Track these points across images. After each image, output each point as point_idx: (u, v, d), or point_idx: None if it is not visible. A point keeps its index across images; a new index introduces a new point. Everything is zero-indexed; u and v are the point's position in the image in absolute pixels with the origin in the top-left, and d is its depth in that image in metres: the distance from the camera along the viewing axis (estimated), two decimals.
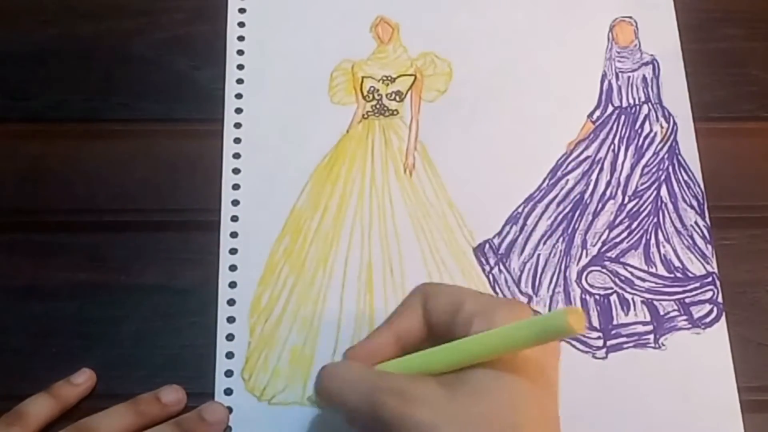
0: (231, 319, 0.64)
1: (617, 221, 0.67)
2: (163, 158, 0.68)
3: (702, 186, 0.68)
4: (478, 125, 0.69)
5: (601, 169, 0.69)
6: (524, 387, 0.51)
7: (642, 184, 0.68)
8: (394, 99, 0.71)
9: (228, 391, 0.62)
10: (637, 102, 0.71)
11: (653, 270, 0.66)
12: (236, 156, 0.68)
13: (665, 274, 0.66)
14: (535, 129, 0.69)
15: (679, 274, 0.66)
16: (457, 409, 0.51)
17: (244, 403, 0.62)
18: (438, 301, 0.55)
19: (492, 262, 0.66)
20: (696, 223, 0.67)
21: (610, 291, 0.65)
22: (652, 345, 0.64)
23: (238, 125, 0.69)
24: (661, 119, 0.70)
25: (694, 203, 0.68)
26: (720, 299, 0.65)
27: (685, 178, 0.68)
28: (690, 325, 0.64)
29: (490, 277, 0.65)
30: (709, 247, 0.67)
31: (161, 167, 0.68)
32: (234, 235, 0.66)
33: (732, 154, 0.70)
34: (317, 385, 0.56)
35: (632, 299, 0.65)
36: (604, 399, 0.61)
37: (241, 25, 0.72)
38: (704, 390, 0.62)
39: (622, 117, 0.70)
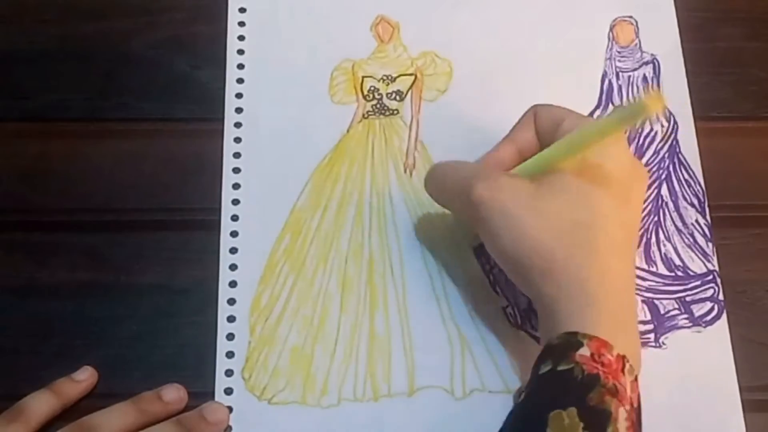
0: (231, 319, 0.64)
1: None
2: (163, 158, 0.68)
3: (702, 184, 0.68)
4: (479, 125, 0.69)
5: None
6: (602, 194, 0.57)
7: None
8: (395, 98, 0.71)
9: (228, 391, 0.62)
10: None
11: (654, 269, 0.66)
12: (236, 155, 0.68)
13: (666, 272, 0.66)
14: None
15: (679, 273, 0.66)
16: (538, 202, 0.57)
17: (244, 403, 0.62)
18: (544, 117, 0.62)
19: (492, 261, 0.66)
20: (697, 221, 0.67)
21: None
22: (653, 344, 0.64)
23: (238, 125, 0.69)
24: (662, 118, 0.70)
25: (695, 201, 0.68)
26: (721, 297, 0.65)
27: (686, 176, 0.68)
28: (691, 324, 0.64)
29: (491, 276, 0.65)
30: (710, 245, 0.67)
31: (162, 167, 0.68)
32: (234, 234, 0.66)
33: (732, 153, 0.70)
34: (428, 177, 0.63)
35: None
36: None
37: (242, 24, 0.72)
38: (705, 389, 0.62)
39: None
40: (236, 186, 0.67)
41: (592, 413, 0.51)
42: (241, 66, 0.71)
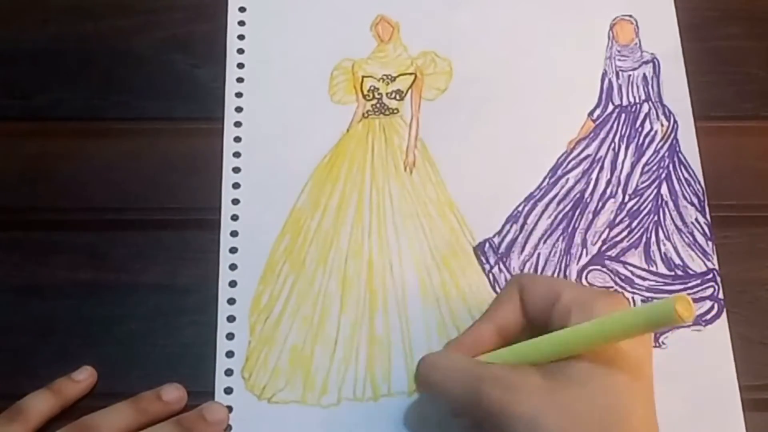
0: (231, 318, 0.64)
1: (617, 220, 0.67)
2: (163, 157, 0.68)
3: (702, 183, 0.68)
4: (479, 124, 0.69)
5: (602, 168, 0.69)
6: (624, 380, 0.52)
7: (642, 182, 0.68)
8: (395, 98, 0.71)
9: (228, 390, 0.62)
10: (637, 100, 0.71)
11: (653, 268, 0.66)
12: (236, 155, 0.68)
13: (666, 272, 0.66)
14: (536, 127, 0.69)
15: (679, 272, 0.66)
16: (559, 400, 0.52)
17: (244, 402, 0.62)
18: (535, 293, 0.56)
19: (492, 261, 0.66)
20: (696, 220, 0.67)
21: (610, 290, 0.65)
22: (653, 343, 0.63)
23: (238, 124, 0.69)
24: (662, 117, 0.70)
25: (695, 200, 0.68)
26: (721, 296, 0.65)
27: (686, 175, 0.68)
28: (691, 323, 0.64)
29: (491, 276, 0.65)
30: (710, 244, 0.67)
31: (161, 166, 0.68)
32: (234, 233, 0.66)
33: (732, 153, 0.70)
34: (419, 376, 0.57)
35: (632, 298, 0.65)
36: None
37: (242, 23, 0.72)
38: (706, 388, 0.62)
39: (623, 115, 0.70)
40: (236, 185, 0.67)
41: None
42: (241, 65, 0.71)
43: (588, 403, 0.52)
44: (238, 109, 0.70)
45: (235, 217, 0.66)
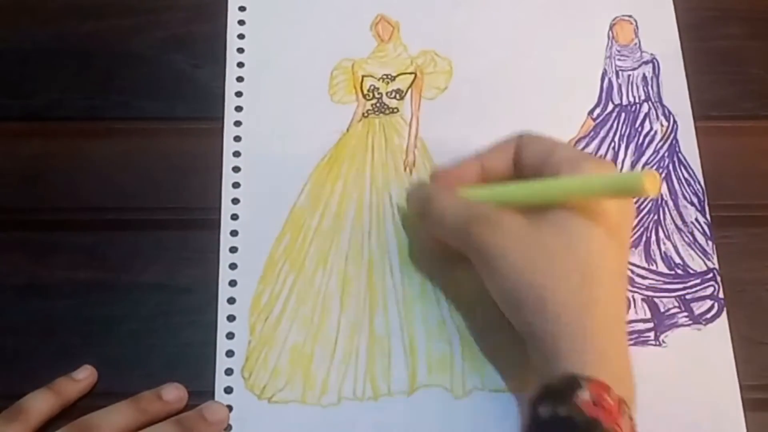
0: (231, 318, 0.64)
1: None
2: (163, 156, 0.68)
3: (702, 183, 0.68)
4: (479, 123, 0.69)
5: None
6: (602, 234, 0.56)
7: None
8: (395, 97, 0.71)
9: (228, 390, 0.62)
10: (637, 100, 0.71)
11: (653, 267, 0.66)
12: (236, 154, 0.68)
13: (666, 271, 0.66)
14: (536, 127, 0.68)
15: (679, 271, 0.66)
16: (541, 240, 0.56)
17: (244, 402, 0.62)
18: (532, 145, 0.60)
19: None
20: (696, 219, 0.67)
21: None
22: (653, 342, 0.64)
23: (238, 123, 0.69)
24: (662, 117, 0.70)
25: (695, 200, 0.68)
26: (721, 295, 0.65)
27: (686, 175, 0.68)
28: (691, 322, 0.64)
29: None
30: (710, 243, 0.67)
31: (161, 165, 0.68)
32: (234, 233, 0.66)
33: (732, 153, 0.70)
34: (412, 203, 0.62)
35: (632, 297, 0.65)
36: None
37: (242, 23, 0.72)
38: (706, 387, 0.62)
39: (623, 115, 0.70)
40: (236, 185, 0.67)
41: None
42: (241, 64, 0.71)
43: (567, 247, 0.56)
44: (238, 109, 0.70)
45: (235, 217, 0.66)
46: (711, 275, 0.66)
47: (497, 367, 0.61)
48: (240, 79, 0.70)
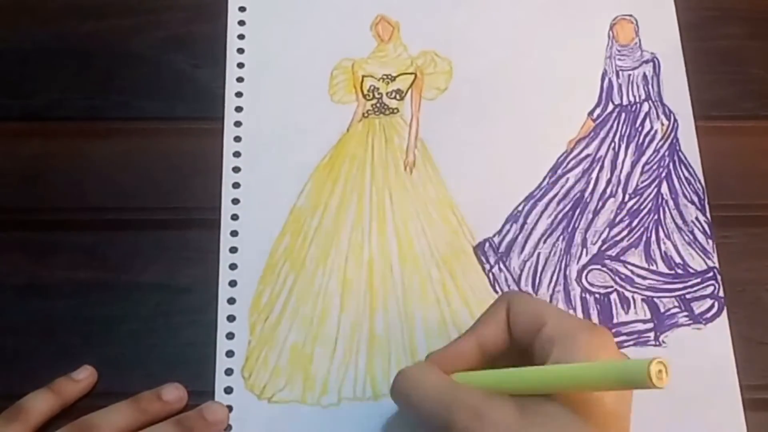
0: (231, 318, 0.64)
1: (617, 219, 0.67)
2: (163, 157, 0.68)
3: (702, 182, 0.68)
4: (479, 123, 0.69)
5: (602, 167, 0.69)
6: (591, 426, 0.52)
7: (642, 181, 0.68)
8: (395, 97, 0.71)
9: (228, 390, 0.62)
10: (637, 100, 0.71)
11: (653, 267, 0.66)
12: (236, 154, 0.68)
13: (666, 270, 0.66)
14: (536, 127, 0.69)
15: (679, 271, 0.66)
16: None
17: (244, 402, 0.62)
18: (520, 316, 0.55)
19: (492, 260, 0.66)
20: (697, 218, 0.67)
21: (610, 289, 0.65)
22: (653, 342, 0.64)
23: (238, 124, 0.69)
24: (662, 117, 0.70)
25: (695, 199, 0.68)
26: (721, 294, 0.65)
27: (686, 174, 0.68)
28: (691, 321, 0.64)
29: (490, 275, 0.65)
30: (710, 242, 0.67)
31: (161, 166, 0.68)
32: (234, 233, 0.66)
33: (732, 152, 0.70)
34: (395, 386, 0.57)
35: (632, 297, 0.65)
36: None
37: (242, 23, 0.72)
38: (706, 386, 0.62)
39: (623, 115, 0.70)
40: (236, 185, 0.67)
41: None
42: (241, 65, 0.71)
43: None
44: (238, 109, 0.70)
45: (235, 217, 0.66)
46: (711, 274, 0.66)
47: None
48: (240, 79, 0.70)
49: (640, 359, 0.48)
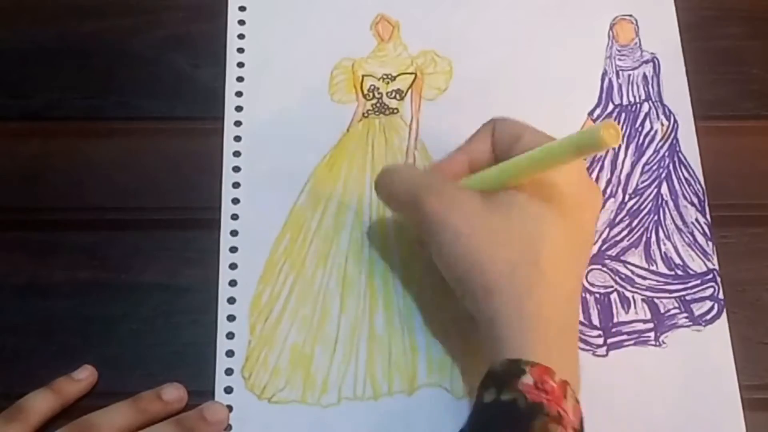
0: (231, 318, 0.64)
1: (617, 219, 0.67)
2: (163, 156, 0.68)
3: (702, 183, 0.68)
4: (479, 123, 0.69)
5: (602, 168, 0.69)
6: (555, 215, 0.57)
7: (642, 181, 0.68)
8: (395, 97, 0.71)
9: (228, 390, 0.62)
10: (637, 100, 0.71)
11: (654, 268, 0.66)
12: (236, 154, 0.68)
13: (666, 271, 0.66)
14: (536, 127, 0.69)
15: (679, 272, 0.66)
16: (486, 218, 0.57)
17: (244, 402, 0.62)
18: (503, 134, 0.61)
19: None
20: (697, 220, 0.67)
21: (610, 289, 0.65)
22: (653, 343, 0.64)
23: (238, 123, 0.69)
24: (662, 117, 0.70)
25: (695, 200, 0.68)
26: (721, 296, 0.65)
27: (686, 175, 0.68)
28: (691, 323, 0.64)
29: None
30: (710, 243, 0.67)
31: (161, 165, 0.68)
32: (234, 233, 0.66)
33: (732, 152, 0.70)
34: (378, 179, 0.63)
35: (632, 297, 0.65)
36: (604, 397, 0.61)
37: (242, 23, 0.72)
38: (705, 387, 0.62)
39: (623, 115, 0.70)
40: (236, 185, 0.67)
41: None
42: (241, 64, 0.71)
43: (510, 229, 0.57)
44: (238, 109, 0.70)
45: (235, 217, 0.66)
46: (711, 276, 0.66)
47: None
48: (240, 79, 0.70)
49: (594, 125, 0.54)
